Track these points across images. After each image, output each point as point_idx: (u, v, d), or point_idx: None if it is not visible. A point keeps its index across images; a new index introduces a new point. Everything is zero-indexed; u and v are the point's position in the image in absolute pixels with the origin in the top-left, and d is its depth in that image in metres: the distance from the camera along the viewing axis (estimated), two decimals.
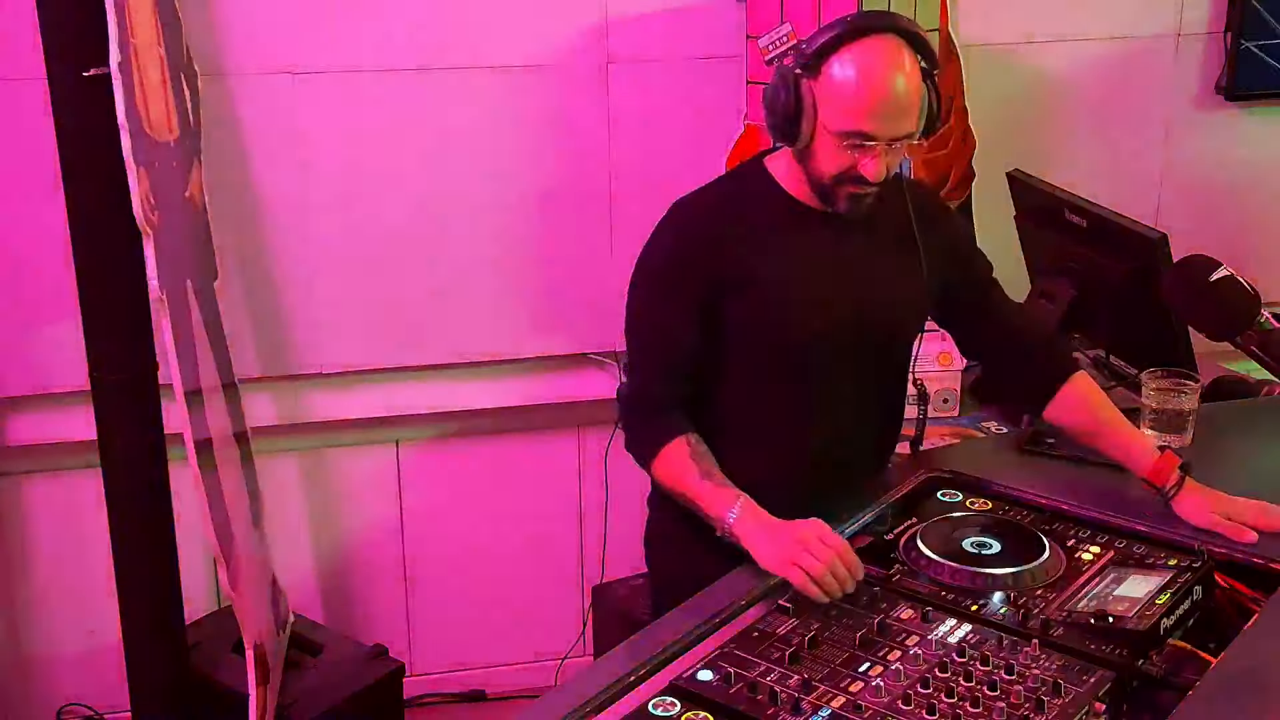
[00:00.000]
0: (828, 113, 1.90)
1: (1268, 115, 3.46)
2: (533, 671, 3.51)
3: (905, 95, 1.89)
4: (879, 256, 2.09)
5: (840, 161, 1.92)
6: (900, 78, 1.88)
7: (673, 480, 2.00)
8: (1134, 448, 2.10)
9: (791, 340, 2.04)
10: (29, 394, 3.07)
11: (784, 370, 2.06)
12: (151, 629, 2.86)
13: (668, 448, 2.00)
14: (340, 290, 3.16)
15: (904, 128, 1.91)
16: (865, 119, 1.88)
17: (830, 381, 2.08)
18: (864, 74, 1.87)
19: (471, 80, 3.08)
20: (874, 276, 2.08)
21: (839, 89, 1.88)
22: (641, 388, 2.07)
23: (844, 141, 1.90)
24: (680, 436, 2.00)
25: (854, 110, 1.88)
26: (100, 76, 2.50)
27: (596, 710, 1.61)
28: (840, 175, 1.94)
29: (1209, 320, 2.13)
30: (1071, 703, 1.59)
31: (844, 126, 1.89)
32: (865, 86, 1.87)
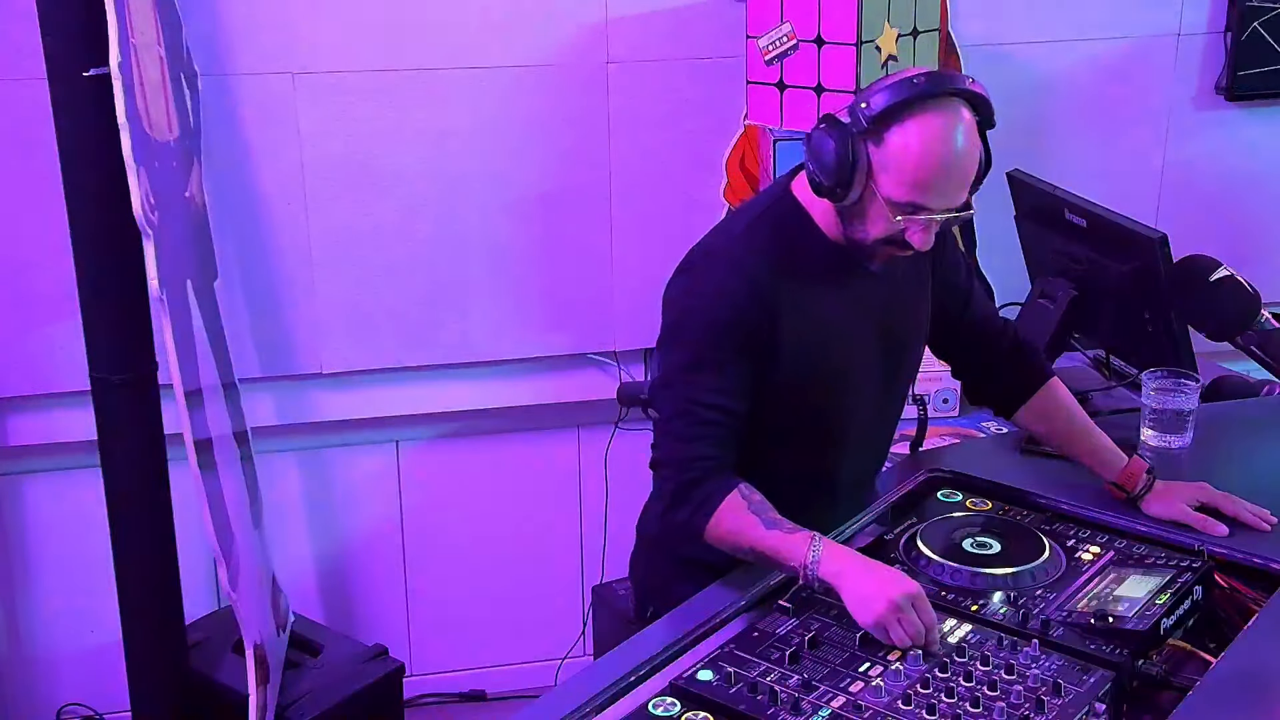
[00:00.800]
0: (885, 180, 1.82)
1: (1268, 115, 3.46)
2: (533, 671, 3.51)
3: (966, 169, 1.84)
4: (902, 280, 2.06)
5: (888, 228, 1.85)
6: (963, 150, 1.82)
7: (735, 538, 1.86)
8: (1105, 453, 2.12)
9: (828, 386, 2.00)
10: (29, 394, 3.07)
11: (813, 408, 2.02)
12: (151, 629, 2.87)
13: (721, 507, 1.86)
14: (340, 290, 3.16)
15: (958, 199, 1.85)
16: (925, 192, 1.81)
17: (855, 410, 2.07)
18: (928, 146, 1.79)
19: (471, 80, 3.09)
20: (901, 308, 2.06)
21: (899, 159, 1.80)
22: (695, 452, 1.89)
23: (895, 210, 1.83)
24: (732, 492, 1.87)
25: (914, 182, 1.81)
26: (100, 76, 2.50)
27: (596, 710, 1.61)
28: (885, 240, 1.88)
29: (1209, 320, 2.13)
30: (1071, 703, 1.59)
31: (900, 198, 1.82)
32: (928, 160, 1.80)
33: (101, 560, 2.87)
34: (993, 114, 1.88)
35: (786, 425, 2.00)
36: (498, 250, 3.21)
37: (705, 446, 1.89)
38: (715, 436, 1.90)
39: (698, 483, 1.88)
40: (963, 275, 2.20)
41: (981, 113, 1.87)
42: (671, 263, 2.05)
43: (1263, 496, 2.05)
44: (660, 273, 3.43)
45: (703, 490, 1.88)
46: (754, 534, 1.84)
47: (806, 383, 1.97)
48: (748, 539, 1.85)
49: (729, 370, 1.90)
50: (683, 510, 1.89)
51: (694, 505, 1.88)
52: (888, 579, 1.74)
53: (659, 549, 2.20)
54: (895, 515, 2.07)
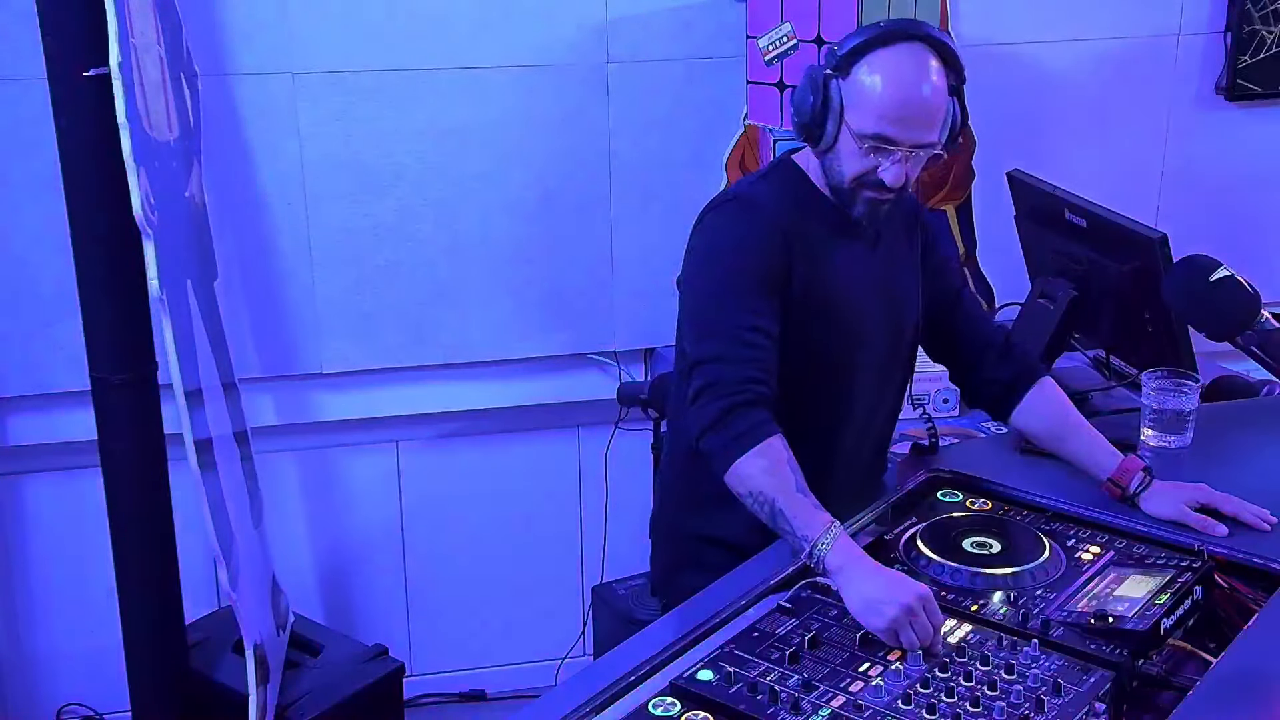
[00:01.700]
0: (853, 115, 1.90)
1: (1268, 115, 3.46)
2: (533, 671, 3.52)
3: (930, 104, 1.90)
4: (895, 257, 2.11)
5: (861, 164, 1.92)
6: (926, 86, 1.89)
7: (761, 482, 1.84)
8: (1099, 453, 2.13)
9: (834, 344, 2.04)
10: (29, 394, 3.07)
11: (819, 371, 2.04)
12: (151, 629, 2.87)
13: (762, 445, 1.85)
14: (340, 290, 3.16)
15: (926, 136, 1.91)
16: (888, 123, 1.88)
17: (858, 381, 2.09)
18: (891, 79, 1.88)
19: (472, 80, 3.09)
20: (895, 278, 2.11)
21: (866, 92, 1.89)
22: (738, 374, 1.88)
23: (866, 144, 1.90)
24: (775, 436, 1.86)
25: (878, 114, 1.88)
26: (100, 76, 2.50)
27: (596, 710, 1.61)
28: (860, 178, 1.94)
29: (1209, 320, 2.13)
30: (1071, 703, 1.59)
31: (867, 129, 1.89)
32: (891, 91, 1.87)
33: (101, 560, 2.87)
34: (961, 66, 1.94)
35: (797, 382, 2.01)
36: (498, 250, 3.21)
37: (753, 369, 1.90)
38: (760, 360, 1.91)
39: (744, 407, 1.87)
40: (953, 275, 2.24)
41: (949, 64, 1.92)
42: (671, 262, 2.05)
43: (1263, 496, 2.05)
44: (660, 273, 3.43)
45: (745, 420, 1.86)
46: (783, 490, 1.83)
47: (817, 334, 2.00)
48: (774, 489, 1.83)
49: (761, 301, 1.94)
50: (720, 436, 1.87)
51: (733, 434, 1.87)
52: (897, 583, 1.74)
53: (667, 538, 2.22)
54: (895, 515, 2.07)
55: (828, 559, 1.78)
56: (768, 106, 2.93)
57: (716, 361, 1.91)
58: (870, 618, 1.71)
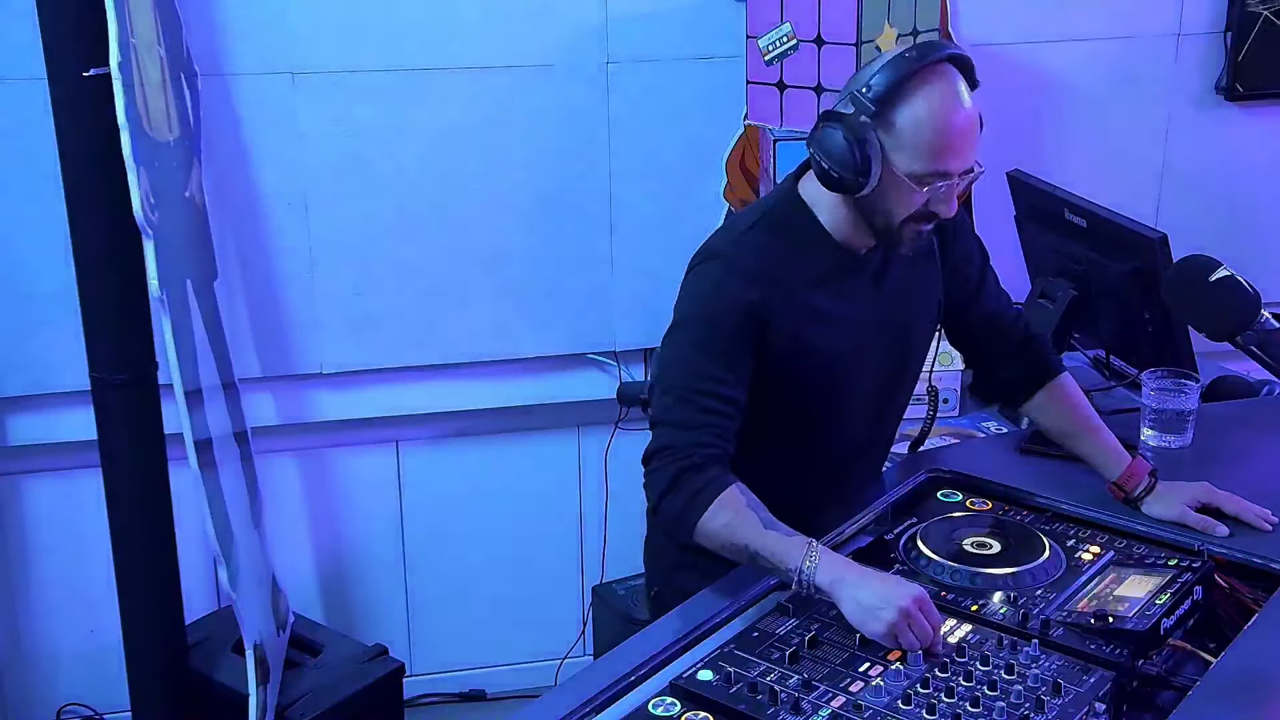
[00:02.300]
0: (900, 157, 1.84)
1: (1268, 115, 3.45)
2: (533, 671, 3.51)
3: (973, 125, 1.87)
4: (908, 274, 2.07)
5: (913, 203, 1.87)
6: (965, 110, 1.85)
7: (729, 533, 1.83)
8: (1109, 453, 2.12)
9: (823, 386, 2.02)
10: (29, 394, 3.07)
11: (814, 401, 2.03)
12: (151, 629, 2.87)
13: (719, 499, 1.84)
14: (340, 290, 3.16)
15: (973, 156, 1.88)
16: (946, 158, 1.84)
17: (856, 402, 2.08)
18: (935, 114, 1.83)
19: (471, 80, 3.08)
20: (905, 300, 2.08)
21: (911, 132, 1.83)
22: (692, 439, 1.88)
23: (919, 183, 1.85)
24: (731, 486, 1.85)
25: (934, 151, 1.83)
26: (100, 76, 2.50)
27: (596, 710, 1.61)
28: (913, 216, 1.89)
29: (1209, 320, 2.13)
30: (1071, 703, 1.59)
31: (922, 169, 1.84)
32: (940, 126, 1.83)
33: (101, 560, 2.87)
34: (975, 75, 1.90)
35: (787, 420, 2.01)
36: (498, 250, 3.21)
37: (705, 434, 1.88)
38: (715, 426, 1.89)
39: (696, 470, 1.86)
40: (975, 265, 2.20)
41: (969, 76, 1.89)
42: (671, 262, 2.05)
43: (1263, 496, 2.05)
44: (660, 273, 3.43)
45: (700, 478, 1.86)
46: (750, 532, 1.82)
47: (802, 379, 1.98)
48: (742, 536, 1.82)
49: (729, 361, 1.91)
50: (677, 499, 1.87)
51: (689, 495, 1.86)
52: (891, 586, 1.73)
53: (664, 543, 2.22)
54: (895, 515, 2.07)
55: (817, 578, 1.76)
56: (768, 106, 2.93)
57: (672, 426, 1.90)
58: (868, 624, 1.71)
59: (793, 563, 1.78)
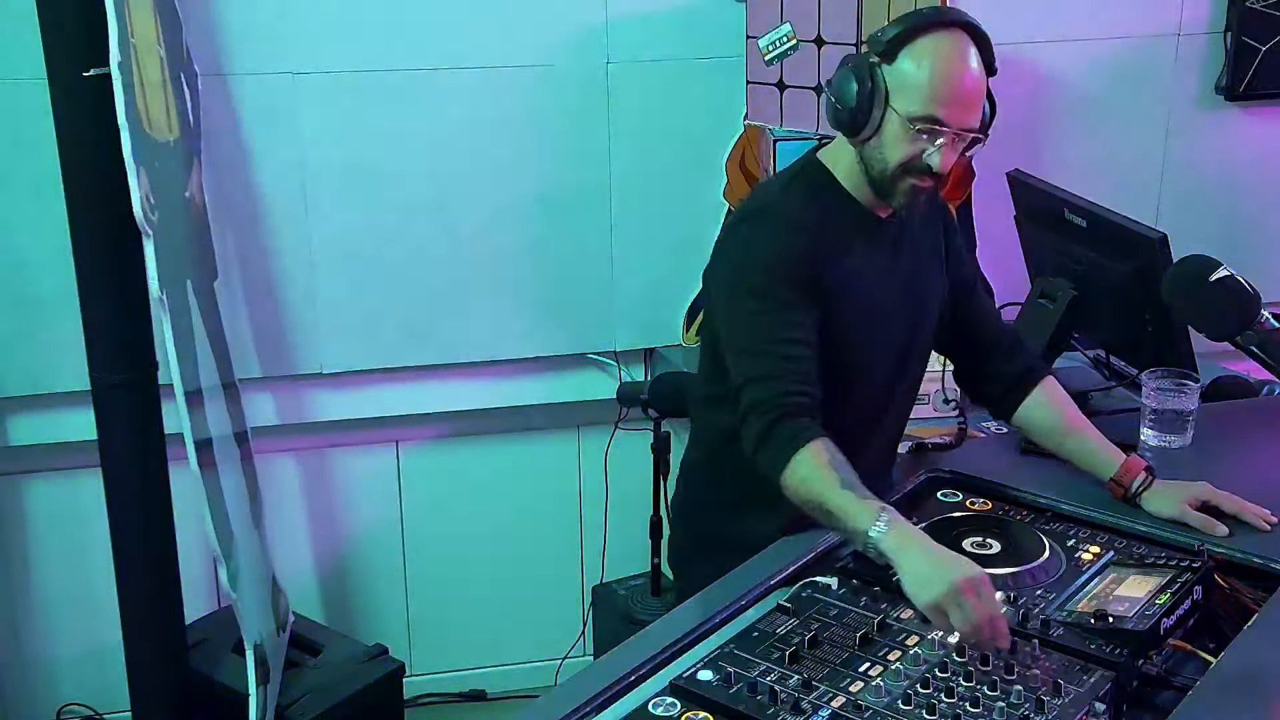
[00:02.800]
0: (900, 99, 1.91)
1: (1268, 115, 3.45)
2: (533, 671, 3.52)
3: (975, 86, 1.93)
4: (919, 256, 2.12)
5: (908, 150, 1.92)
6: (971, 70, 1.92)
7: (807, 487, 1.85)
8: (1101, 453, 2.13)
9: (856, 346, 2.04)
10: (29, 394, 3.07)
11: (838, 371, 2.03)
12: (151, 629, 2.87)
13: (802, 452, 1.85)
14: (340, 290, 3.16)
15: (971, 119, 1.94)
16: (938, 105, 1.89)
17: (872, 381, 2.10)
18: (939, 62, 1.90)
19: (472, 80, 3.08)
20: (919, 278, 2.12)
21: (913, 75, 1.90)
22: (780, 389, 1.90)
23: (914, 128, 1.90)
24: (817, 440, 1.86)
25: (928, 95, 1.89)
26: (100, 76, 2.50)
27: (596, 710, 1.61)
28: (906, 164, 1.94)
29: (1209, 320, 2.13)
30: (1071, 703, 1.59)
31: (917, 111, 1.90)
32: (940, 73, 1.89)
33: (101, 560, 2.88)
34: (994, 59, 1.97)
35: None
36: (498, 250, 3.21)
37: (790, 383, 1.90)
38: (796, 371, 1.92)
39: (783, 422, 1.88)
40: (967, 268, 2.23)
41: (984, 53, 1.95)
42: (671, 262, 2.05)
43: (1263, 496, 2.05)
44: (660, 273, 3.43)
45: (786, 430, 1.87)
46: (826, 489, 1.82)
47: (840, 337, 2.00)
48: (818, 492, 1.83)
49: (797, 310, 1.94)
50: (767, 453, 1.89)
51: (776, 448, 1.88)
52: (950, 561, 1.72)
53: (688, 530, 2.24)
54: None
55: (884, 544, 1.76)
56: (768, 106, 2.93)
57: (758, 381, 1.92)
58: (918, 594, 1.70)
59: (863, 524, 1.78)
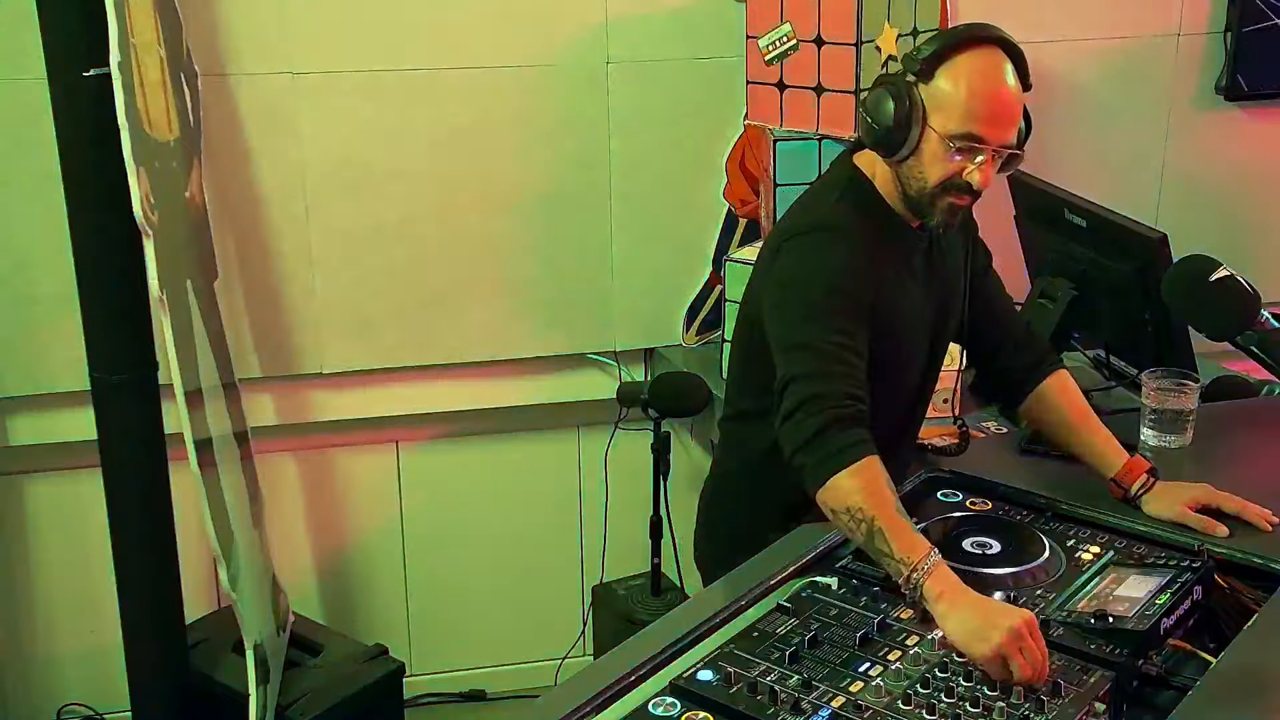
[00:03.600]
0: (939, 117, 1.90)
1: (1268, 115, 3.46)
2: (533, 671, 3.51)
3: (1013, 103, 1.92)
4: (949, 266, 2.13)
5: (948, 168, 1.91)
6: (1009, 86, 1.91)
7: (859, 499, 1.80)
8: (1107, 451, 2.13)
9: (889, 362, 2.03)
10: (29, 394, 3.07)
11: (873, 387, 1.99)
12: (151, 629, 2.87)
13: (860, 463, 1.81)
14: (340, 290, 3.16)
15: (1010, 135, 1.92)
16: (977, 122, 1.89)
17: (906, 393, 2.12)
18: (977, 79, 1.89)
19: (471, 80, 3.08)
20: (948, 289, 2.13)
21: (951, 93, 1.89)
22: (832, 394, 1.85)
23: (954, 146, 1.90)
24: (871, 456, 1.83)
25: (967, 112, 1.89)
26: (100, 76, 2.50)
27: (596, 710, 1.61)
28: (946, 183, 1.93)
29: (1209, 320, 2.13)
30: (1071, 703, 1.59)
31: (956, 129, 1.89)
32: (979, 90, 1.89)
33: (101, 560, 2.87)
34: (1029, 74, 1.95)
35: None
36: (498, 250, 3.21)
37: (847, 384, 1.87)
38: (853, 377, 1.89)
39: (844, 425, 1.83)
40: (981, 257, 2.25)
41: (1020, 69, 1.93)
42: (672, 262, 2.04)
43: (1263, 496, 2.05)
44: (660, 273, 3.42)
45: (845, 437, 1.83)
46: (882, 509, 1.79)
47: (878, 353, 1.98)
48: (873, 508, 1.79)
49: (852, 324, 1.93)
50: (816, 451, 1.83)
51: (830, 450, 1.83)
52: (1001, 610, 1.68)
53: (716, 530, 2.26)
54: None
55: (927, 585, 1.72)
56: (768, 106, 2.93)
57: (810, 378, 1.87)
58: (976, 645, 1.64)
59: (912, 558, 1.74)
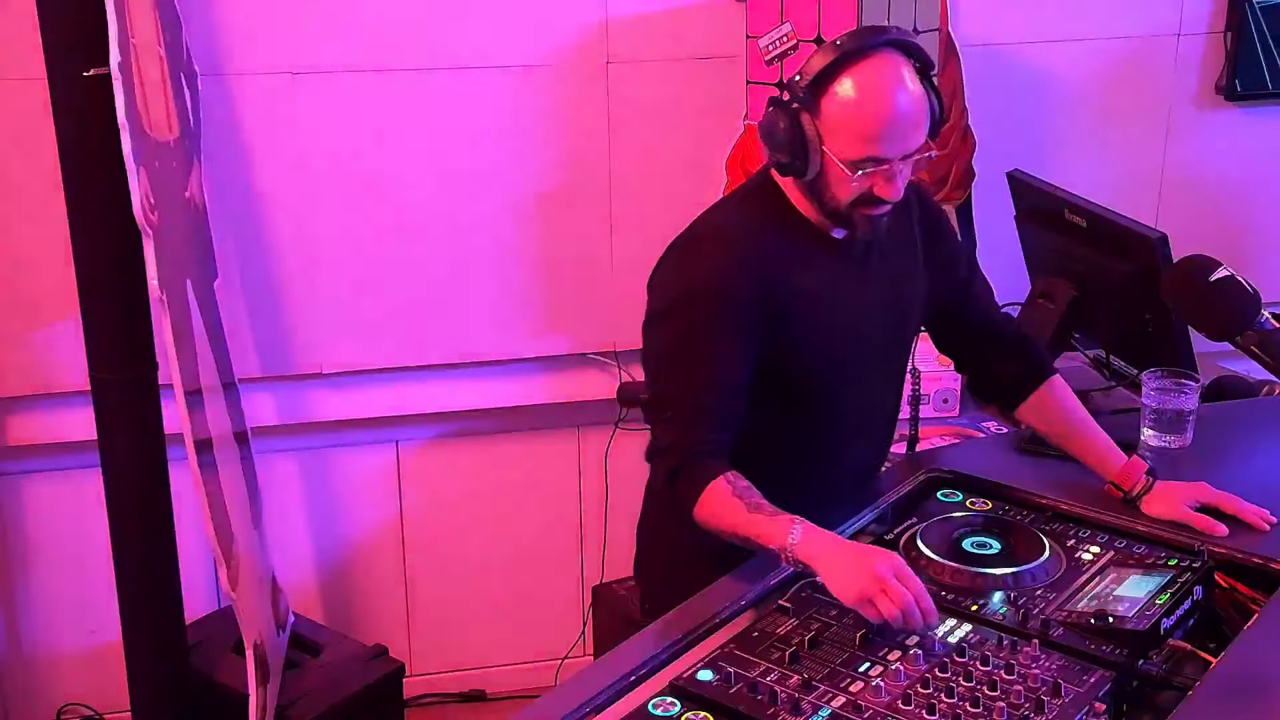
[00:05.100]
0: (835, 143, 1.84)
1: (1268, 115, 3.46)
2: (533, 671, 3.51)
3: (912, 110, 1.84)
4: (888, 267, 2.06)
5: (855, 188, 1.87)
6: (903, 95, 1.83)
7: (719, 521, 1.87)
8: (1104, 452, 2.13)
9: (819, 368, 2.01)
10: (29, 394, 3.07)
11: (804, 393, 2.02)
12: (151, 629, 2.86)
13: (707, 491, 1.87)
14: (339, 290, 3.16)
15: (915, 141, 1.86)
16: (876, 143, 1.83)
17: (846, 396, 2.07)
18: (867, 98, 1.82)
19: (471, 80, 3.09)
20: (886, 291, 2.07)
21: (843, 117, 1.83)
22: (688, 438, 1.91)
23: (853, 169, 1.85)
24: (719, 477, 1.87)
25: (863, 136, 1.82)
26: (100, 76, 2.50)
27: (596, 710, 1.61)
28: (857, 200, 1.89)
29: (1209, 320, 2.13)
30: (1071, 703, 1.59)
31: (855, 154, 1.83)
32: (871, 111, 1.82)
33: (101, 560, 2.87)
34: (927, 57, 1.89)
35: (785, 405, 2.01)
36: (498, 250, 3.21)
37: (702, 431, 1.91)
38: (711, 421, 1.92)
39: (690, 466, 1.90)
40: (962, 268, 2.20)
41: (916, 57, 1.88)
42: None
43: (1263, 496, 2.05)
44: None
45: (687, 476, 1.90)
46: (737, 518, 1.85)
47: (802, 359, 1.98)
48: (730, 522, 1.86)
49: (724, 345, 1.91)
50: (676, 493, 1.92)
51: (681, 492, 1.91)
52: (866, 553, 1.77)
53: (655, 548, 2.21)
54: (895, 515, 2.07)
55: (798, 552, 1.79)
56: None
57: (671, 422, 1.94)
58: (843, 590, 1.73)
59: (778, 542, 1.81)
